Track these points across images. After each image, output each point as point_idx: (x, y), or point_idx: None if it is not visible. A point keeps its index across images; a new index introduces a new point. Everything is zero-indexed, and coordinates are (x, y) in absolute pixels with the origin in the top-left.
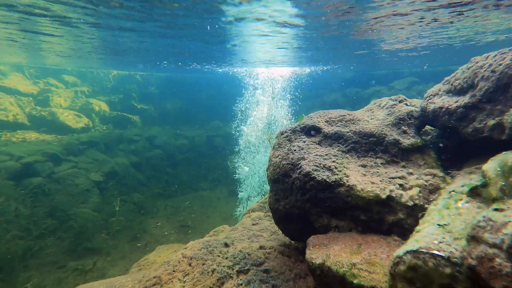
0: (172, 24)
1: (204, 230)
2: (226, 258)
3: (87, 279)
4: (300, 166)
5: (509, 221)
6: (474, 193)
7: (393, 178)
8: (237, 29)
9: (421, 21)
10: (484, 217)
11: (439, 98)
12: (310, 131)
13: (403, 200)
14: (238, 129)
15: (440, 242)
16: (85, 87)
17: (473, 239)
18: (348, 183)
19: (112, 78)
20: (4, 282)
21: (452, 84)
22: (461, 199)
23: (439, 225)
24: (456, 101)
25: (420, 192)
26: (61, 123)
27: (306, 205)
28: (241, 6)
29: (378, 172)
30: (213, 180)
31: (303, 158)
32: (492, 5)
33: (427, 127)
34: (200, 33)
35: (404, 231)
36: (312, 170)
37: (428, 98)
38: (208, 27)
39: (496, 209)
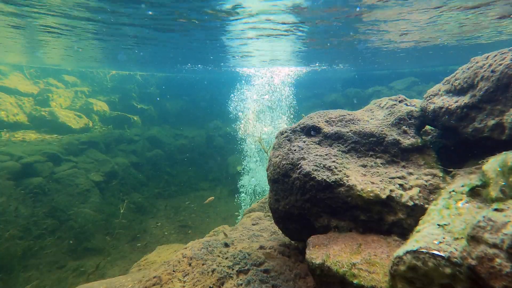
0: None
1: (204, 230)
2: (226, 258)
3: (89, 279)
4: (300, 166)
5: (509, 221)
6: (474, 193)
7: (393, 178)
8: (234, 23)
9: None
10: (484, 217)
11: (439, 98)
12: (310, 131)
13: (403, 200)
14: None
15: (440, 242)
16: (85, 87)
17: (473, 239)
18: (348, 183)
19: (112, 78)
20: (4, 282)
21: (452, 84)
22: (461, 199)
23: (439, 225)
24: (456, 101)
25: (420, 192)
26: (61, 123)
27: (306, 205)
28: None
29: (378, 172)
30: (213, 180)
31: (303, 158)
32: None
33: (427, 127)
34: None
35: (404, 231)
36: (312, 170)
37: (428, 98)
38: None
39: (496, 209)
